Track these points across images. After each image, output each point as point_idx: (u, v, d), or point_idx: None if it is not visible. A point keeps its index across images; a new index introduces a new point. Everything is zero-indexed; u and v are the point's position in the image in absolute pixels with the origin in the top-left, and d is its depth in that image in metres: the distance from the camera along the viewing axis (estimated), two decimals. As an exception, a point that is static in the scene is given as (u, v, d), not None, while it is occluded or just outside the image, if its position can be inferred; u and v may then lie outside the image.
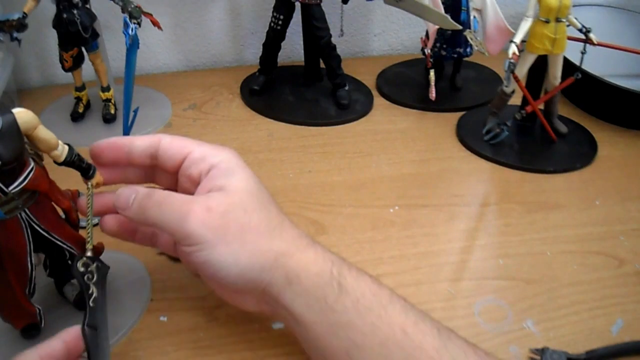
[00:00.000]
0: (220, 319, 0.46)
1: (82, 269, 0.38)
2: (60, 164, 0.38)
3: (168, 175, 0.43)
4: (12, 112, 0.34)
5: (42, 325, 0.43)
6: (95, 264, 0.39)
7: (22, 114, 0.34)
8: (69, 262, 0.43)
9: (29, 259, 0.39)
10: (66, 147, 0.38)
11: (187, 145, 0.41)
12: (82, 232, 0.42)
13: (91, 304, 0.37)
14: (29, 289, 0.40)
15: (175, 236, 0.38)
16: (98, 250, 0.42)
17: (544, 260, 0.53)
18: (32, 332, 0.43)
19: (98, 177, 0.41)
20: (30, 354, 0.34)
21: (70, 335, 0.36)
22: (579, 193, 0.62)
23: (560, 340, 0.45)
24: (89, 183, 0.41)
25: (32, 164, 0.36)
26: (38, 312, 0.42)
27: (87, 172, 0.40)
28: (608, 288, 0.50)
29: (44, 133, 0.36)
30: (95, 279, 0.38)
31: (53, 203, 0.40)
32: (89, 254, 0.39)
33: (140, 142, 0.42)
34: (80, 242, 0.41)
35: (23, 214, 0.37)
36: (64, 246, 0.41)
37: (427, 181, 0.63)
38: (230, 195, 0.38)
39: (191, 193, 0.40)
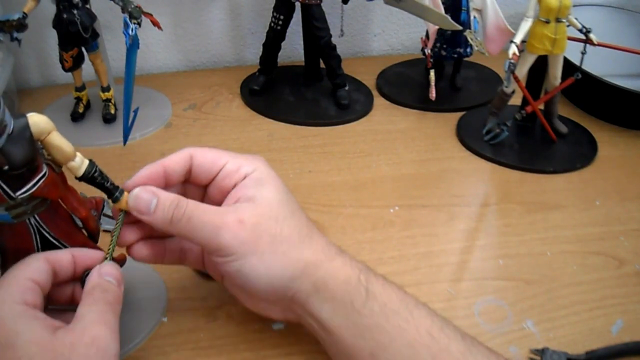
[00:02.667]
0: (220, 319, 0.46)
1: None
2: (79, 179, 0.37)
3: (198, 189, 0.42)
4: (25, 117, 0.34)
5: None
6: None
7: (35, 118, 0.34)
8: None
9: None
10: (86, 161, 0.37)
11: (220, 157, 0.40)
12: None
13: None
14: None
15: (206, 248, 0.38)
16: (119, 261, 0.40)
17: (544, 261, 0.53)
18: None
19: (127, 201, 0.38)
20: (37, 258, 0.35)
21: (80, 252, 0.36)
22: (579, 193, 0.62)
23: (560, 341, 0.45)
24: (120, 213, 0.38)
25: (45, 170, 0.36)
26: None
27: (111, 193, 0.38)
28: (608, 288, 0.50)
29: (57, 140, 0.35)
30: None
31: (69, 211, 0.39)
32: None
33: (174, 165, 0.40)
34: None
35: (32, 220, 0.37)
36: None
37: (427, 181, 0.63)
38: (261, 205, 0.38)
39: (220, 203, 0.40)
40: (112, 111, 0.70)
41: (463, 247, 0.55)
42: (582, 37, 0.63)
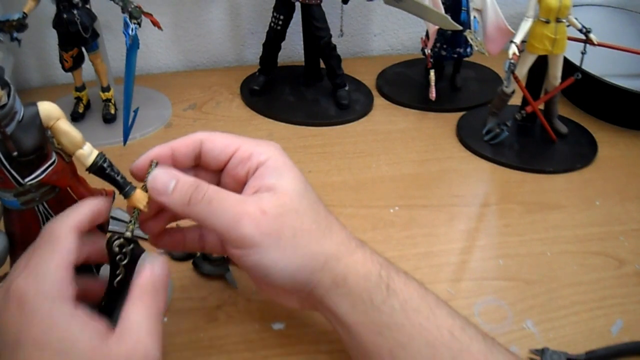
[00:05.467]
0: (220, 319, 0.46)
1: (116, 249, 0.36)
2: (89, 169, 0.36)
3: (210, 175, 0.40)
4: (35, 105, 0.34)
5: None
6: (131, 246, 0.37)
7: (44, 105, 0.34)
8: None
9: None
10: (95, 151, 0.37)
11: (231, 143, 0.39)
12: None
13: (115, 285, 0.36)
14: None
15: (225, 237, 0.36)
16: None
17: (544, 261, 0.53)
18: None
19: (139, 197, 0.37)
20: (64, 223, 0.34)
21: (93, 241, 0.36)
22: (579, 193, 0.62)
23: (560, 341, 0.45)
24: (134, 210, 0.37)
25: (54, 158, 0.36)
26: None
27: (122, 187, 0.37)
28: (608, 288, 0.50)
29: (65, 126, 0.35)
30: (126, 261, 0.37)
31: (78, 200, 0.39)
32: (128, 234, 0.37)
33: (183, 148, 0.39)
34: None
35: (40, 207, 0.37)
36: None
37: (427, 181, 0.63)
38: (281, 196, 0.37)
39: (236, 192, 0.38)
40: (112, 111, 0.70)
41: (463, 247, 0.55)
42: (582, 37, 0.63)
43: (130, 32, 0.53)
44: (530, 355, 0.44)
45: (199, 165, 0.40)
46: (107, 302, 0.36)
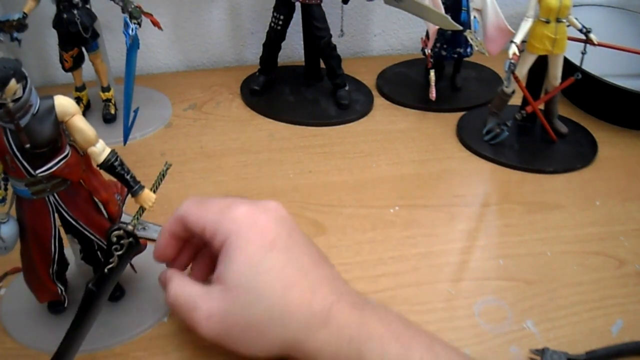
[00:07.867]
0: (221, 319, 0.46)
1: (114, 239, 0.38)
2: (100, 166, 0.37)
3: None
4: (52, 98, 0.35)
5: (66, 304, 0.44)
6: (129, 239, 0.38)
7: (61, 100, 0.35)
8: (98, 253, 0.43)
9: (52, 242, 0.39)
10: (108, 149, 0.37)
11: (199, 220, 0.40)
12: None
13: (106, 271, 0.38)
14: (52, 269, 0.41)
15: None
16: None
17: (544, 261, 0.53)
18: (57, 307, 0.44)
19: (146, 197, 0.39)
20: None
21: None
22: (579, 193, 0.62)
23: (560, 341, 0.45)
24: (140, 207, 0.39)
25: (67, 151, 0.36)
26: (61, 292, 0.42)
27: (130, 186, 0.38)
28: (608, 288, 0.50)
29: (80, 123, 0.36)
30: (122, 252, 0.38)
31: (90, 192, 0.40)
32: (129, 227, 0.38)
33: (173, 227, 0.42)
34: None
35: (51, 198, 0.38)
36: (93, 238, 0.40)
37: (428, 181, 0.63)
38: (227, 293, 0.38)
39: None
40: (112, 111, 0.70)
41: (463, 247, 0.55)
42: (582, 37, 0.63)
43: (130, 32, 0.54)
44: (531, 355, 0.44)
45: None
46: (95, 284, 0.38)
